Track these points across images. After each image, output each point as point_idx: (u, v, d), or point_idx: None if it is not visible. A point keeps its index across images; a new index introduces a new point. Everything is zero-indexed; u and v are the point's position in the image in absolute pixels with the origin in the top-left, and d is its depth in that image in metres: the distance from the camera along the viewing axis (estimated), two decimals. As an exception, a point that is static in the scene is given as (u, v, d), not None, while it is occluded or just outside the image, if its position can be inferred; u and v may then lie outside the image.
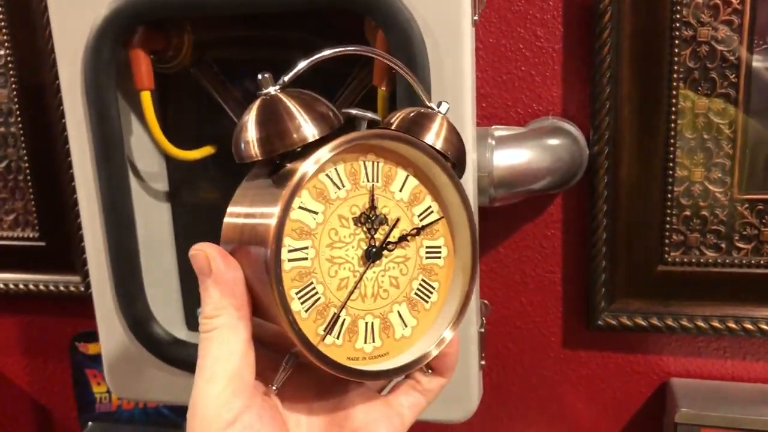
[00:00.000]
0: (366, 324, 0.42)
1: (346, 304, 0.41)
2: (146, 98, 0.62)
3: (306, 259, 0.39)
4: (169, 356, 0.67)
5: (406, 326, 0.44)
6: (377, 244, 0.42)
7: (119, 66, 0.62)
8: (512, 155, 0.71)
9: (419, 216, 0.43)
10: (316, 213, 0.39)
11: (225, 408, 0.37)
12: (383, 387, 0.47)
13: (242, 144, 0.39)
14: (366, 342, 0.42)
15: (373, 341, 0.42)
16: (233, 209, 0.41)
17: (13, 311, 1.02)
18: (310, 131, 0.38)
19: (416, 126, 0.43)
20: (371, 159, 0.41)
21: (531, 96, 0.77)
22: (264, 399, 0.40)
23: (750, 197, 0.73)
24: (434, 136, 0.43)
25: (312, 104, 0.39)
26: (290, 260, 0.39)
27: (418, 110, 0.44)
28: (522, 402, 0.87)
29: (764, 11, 0.68)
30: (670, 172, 0.73)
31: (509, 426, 0.88)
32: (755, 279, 0.74)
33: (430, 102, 0.45)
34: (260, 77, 0.39)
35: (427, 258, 0.44)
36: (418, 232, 0.43)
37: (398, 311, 0.43)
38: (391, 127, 0.43)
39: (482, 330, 0.67)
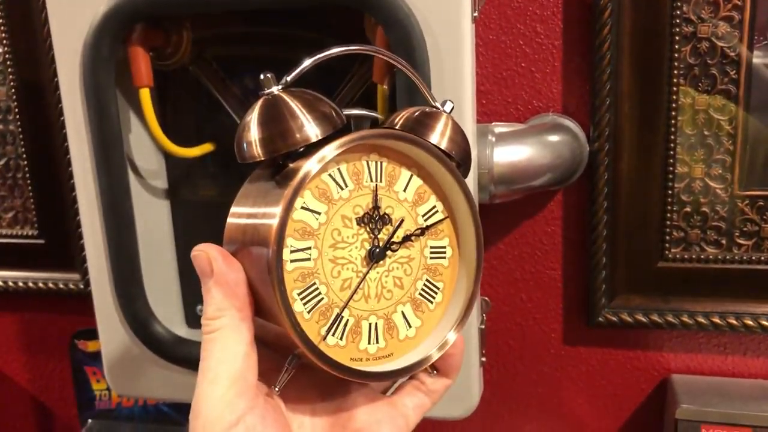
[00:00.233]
0: (369, 325, 0.42)
1: (350, 305, 0.41)
2: (145, 95, 0.62)
3: (309, 260, 0.39)
4: (169, 353, 0.67)
5: (411, 327, 0.43)
6: (381, 245, 0.41)
7: (118, 63, 0.62)
8: (512, 152, 0.71)
9: (424, 216, 0.43)
10: (319, 213, 0.39)
11: (228, 409, 0.37)
12: (388, 388, 0.47)
13: (244, 144, 0.39)
14: (370, 343, 0.42)
15: (377, 342, 0.42)
16: (236, 209, 0.41)
17: (13, 309, 1.02)
18: (313, 131, 0.38)
19: (421, 125, 0.43)
20: (374, 159, 0.41)
21: (531, 93, 0.77)
22: (267, 400, 0.40)
23: (750, 193, 0.73)
24: (439, 136, 0.43)
25: (314, 104, 0.39)
26: (292, 261, 0.38)
27: (423, 109, 0.44)
28: (522, 398, 0.87)
29: (764, 7, 0.68)
30: (671, 169, 0.73)
31: (509, 422, 0.88)
32: (756, 275, 0.74)
33: (435, 101, 0.45)
34: (262, 77, 0.39)
35: (432, 258, 0.44)
36: (423, 232, 0.43)
37: (402, 312, 0.43)
38: (396, 127, 0.43)
39: (483, 327, 0.67)
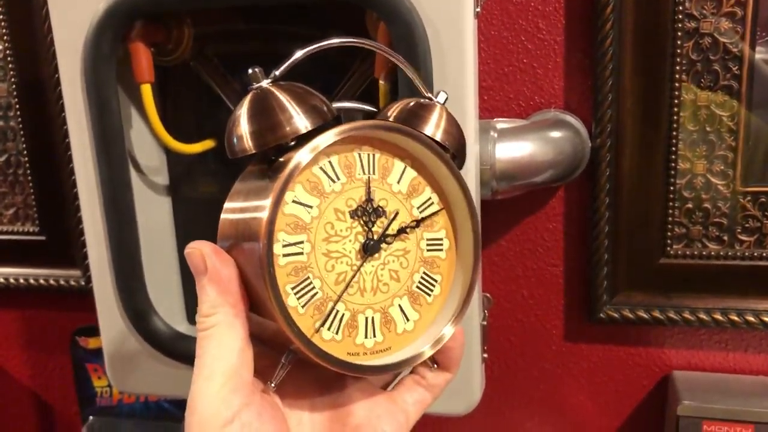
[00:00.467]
0: (366, 319, 0.41)
1: (345, 299, 0.40)
2: (146, 91, 0.62)
3: (302, 254, 0.39)
4: (170, 350, 0.67)
5: (409, 320, 0.43)
6: (375, 237, 0.41)
7: (119, 59, 0.61)
8: (514, 148, 0.71)
9: (419, 208, 0.43)
10: (311, 207, 0.39)
11: (223, 406, 0.37)
12: (388, 383, 0.46)
13: (234, 138, 0.39)
14: (367, 337, 0.42)
15: (374, 336, 0.42)
16: (228, 205, 0.41)
17: (14, 306, 1.02)
18: (303, 123, 0.38)
19: (414, 117, 0.42)
20: (367, 151, 0.41)
21: (533, 88, 0.77)
22: (263, 396, 0.39)
23: (752, 190, 0.73)
24: (433, 127, 0.42)
25: (304, 97, 0.39)
26: (285, 255, 0.38)
27: (417, 101, 0.43)
28: (524, 395, 0.87)
29: (767, 4, 0.68)
30: (673, 165, 0.73)
31: (511, 419, 0.88)
32: (757, 271, 0.74)
33: (428, 93, 0.44)
34: (251, 71, 0.39)
35: (429, 250, 0.43)
36: (418, 224, 0.43)
37: (399, 305, 0.43)
38: (390, 119, 0.42)
39: (484, 323, 0.67)
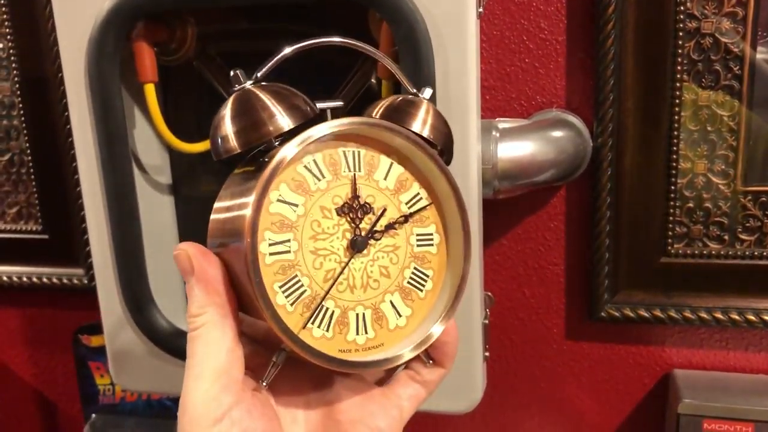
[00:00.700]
0: (357, 315, 0.41)
1: (335, 296, 0.40)
2: (150, 91, 0.62)
3: (288, 252, 0.39)
4: (173, 347, 0.67)
5: (401, 316, 0.43)
6: (363, 234, 0.41)
7: (123, 58, 0.62)
8: (516, 147, 0.71)
9: (407, 203, 0.43)
10: (296, 205, 0.39)
11: (214, 404, 0.37)
12: (383, 380, 0.46)
13: (219, 139, 0.39)
14: (358, 333, 0.42)
15: (366, 332, 0.42)
16: (217, 205, 0.41)
17: (17, 304, 1.02)
18: (285, 121, 0.38)
19: (400, 113, 0.42)
20: (351, 148, 0.41)
21: (535, 88, 0.77)
22: (254, 395, 0.40)
23: (753, 189, 0.73)
24: (420, 123, 0.42)
25: (286, 96, 0.39)
26: (271, 254, 0.38)
27: (403, 98, 0.44)
28: (525, 393, 0.87)
29: (768, 3, 0.68)
30: (674, 164, 0.73)
31: (512, 417, 0.88)
32: (758, 270, 0.74)
33: (413, 89, 0.44)
34: (232, 74, 0.39)
35: (419, 246, 0.43)
36: (406, 220, 0.43)
37: (391, 301, 0.43)
38: (376, 116, 0.42)
39: (486, 322, 0.67)
